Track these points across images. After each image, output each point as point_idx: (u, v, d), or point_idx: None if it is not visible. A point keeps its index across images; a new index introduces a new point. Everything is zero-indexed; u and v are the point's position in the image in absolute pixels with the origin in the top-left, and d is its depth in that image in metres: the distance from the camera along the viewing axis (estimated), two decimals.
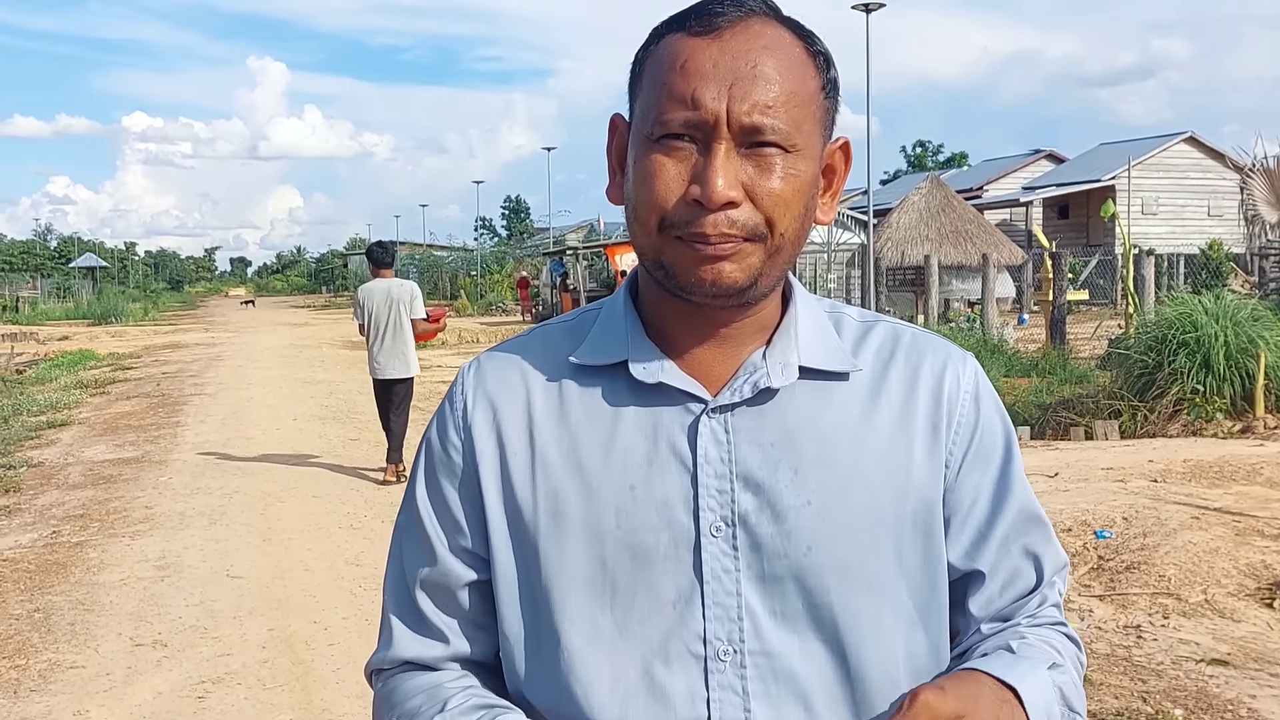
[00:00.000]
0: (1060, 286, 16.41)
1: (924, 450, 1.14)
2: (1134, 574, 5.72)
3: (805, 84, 1.07)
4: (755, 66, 1.04)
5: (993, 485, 1.17)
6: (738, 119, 1.03)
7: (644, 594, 1.09)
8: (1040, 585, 1.19)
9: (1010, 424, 1.22)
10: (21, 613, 5.98)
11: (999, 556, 1.17)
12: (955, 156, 72.41)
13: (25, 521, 8.20)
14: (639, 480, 1.10)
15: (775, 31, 1.07)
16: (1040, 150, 46.05)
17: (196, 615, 5.84)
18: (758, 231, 1.05)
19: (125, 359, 23.05)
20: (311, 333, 31.86)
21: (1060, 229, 36.65)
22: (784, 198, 1.05)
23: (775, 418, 1.11)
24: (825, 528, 1.09)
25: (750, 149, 1.04)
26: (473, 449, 1.16)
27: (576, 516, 1.11)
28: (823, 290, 24.87)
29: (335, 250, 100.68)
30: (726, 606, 1.09)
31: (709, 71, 1.03)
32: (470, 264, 54.28)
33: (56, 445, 11.83)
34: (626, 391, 1.13)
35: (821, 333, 1.16)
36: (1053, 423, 11.26)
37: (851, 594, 1.10)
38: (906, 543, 1.13)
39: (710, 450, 1.10)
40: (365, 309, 9.24)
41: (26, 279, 54.04)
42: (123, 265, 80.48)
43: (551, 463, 1.13)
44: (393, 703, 1.18)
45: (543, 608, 1.13)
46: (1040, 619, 1.17)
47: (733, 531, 1.09)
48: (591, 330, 1.18)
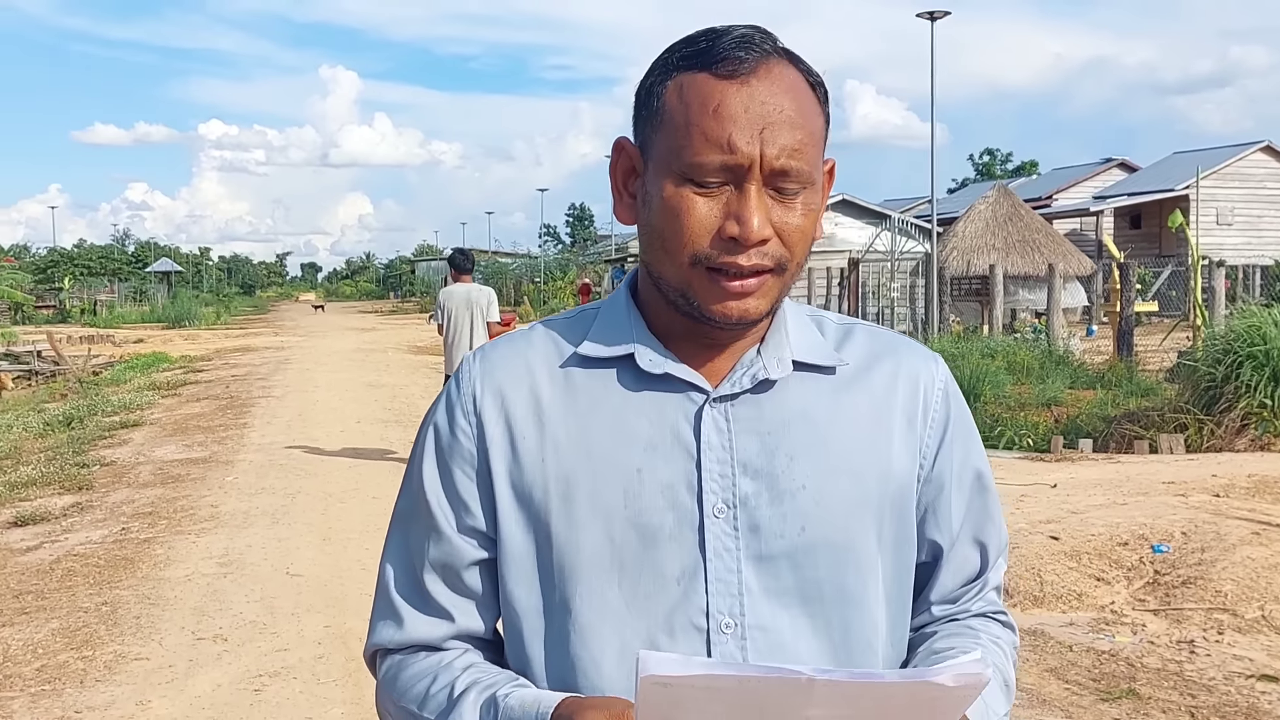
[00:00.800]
0: (1128, 298, 16.17)
1: (901, 440, 1.24)
2: (1190, 589, 5.65)
3: (817, 122, 1.15)
4: (782, 111, 1.11)
5: (956, 476, 1.28)
6: (770, 163, 1.10)
7: (650, 571, 1.16)
8: (984, 570, 1.31)
9: (971, 418, 1.33)
10: (90, 605, 6.17)
11: (955, 544, 1.29)
12: (1025, 165, 71.56)
13: (96, 518, 8.44)
14: (645, 464, 1.17)
15: (789, 72, 1.14)
16: (1111, 159, 45.36)
17: (256, 611, 5.98)
18: (782, 263, 1.14)
19: (197, 362, 23.55)
20: (378, 337, 32.29)
21: (1132, 239, 36.09)
22: (804, 231, 1.15)
23: (772, 408, 1.20)
24: (818, 510, 1.18)
25: (776, 189, 1.12)
26: (483, 433, 1.22)
27: (586, 497, 1.17)
28: (885, 300, 24.71)
29: (403, 256, 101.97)
30: (728, 583, 1.16)
31: (741, 116, 1.10)
32: (534, 270, 54.67)
33: (128, 445, 12.14)
34: (633, 381, 1.20)
35: (807, 333, 1.25)
36: (1116, 435, 11.11)
37: (840, 570, 1.19)
38: (886, 524, 1.22)
39: (712, 437, 1.18)
40: (445, 310, 9.86)
41: (105, 283, 55.31)
42: (197, 270, 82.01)
43: (561, 446, 1.19)
44: (400, 687, 1.24)
45: (554, 583, 1.19)
46: (985, 606, 1.32)
47: (734, 513, 1.17)
48: (594, 325, 1.25)
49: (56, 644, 5.54)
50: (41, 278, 52.40)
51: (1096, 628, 5.34)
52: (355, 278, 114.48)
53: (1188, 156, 38.92)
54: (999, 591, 1.34)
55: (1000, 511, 1.33)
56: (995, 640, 1.28)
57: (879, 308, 24.98)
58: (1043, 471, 9.07)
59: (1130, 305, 16.18)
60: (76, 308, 47.65)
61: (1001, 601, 1.34)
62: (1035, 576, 5.94)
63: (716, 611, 1.15)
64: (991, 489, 1.32)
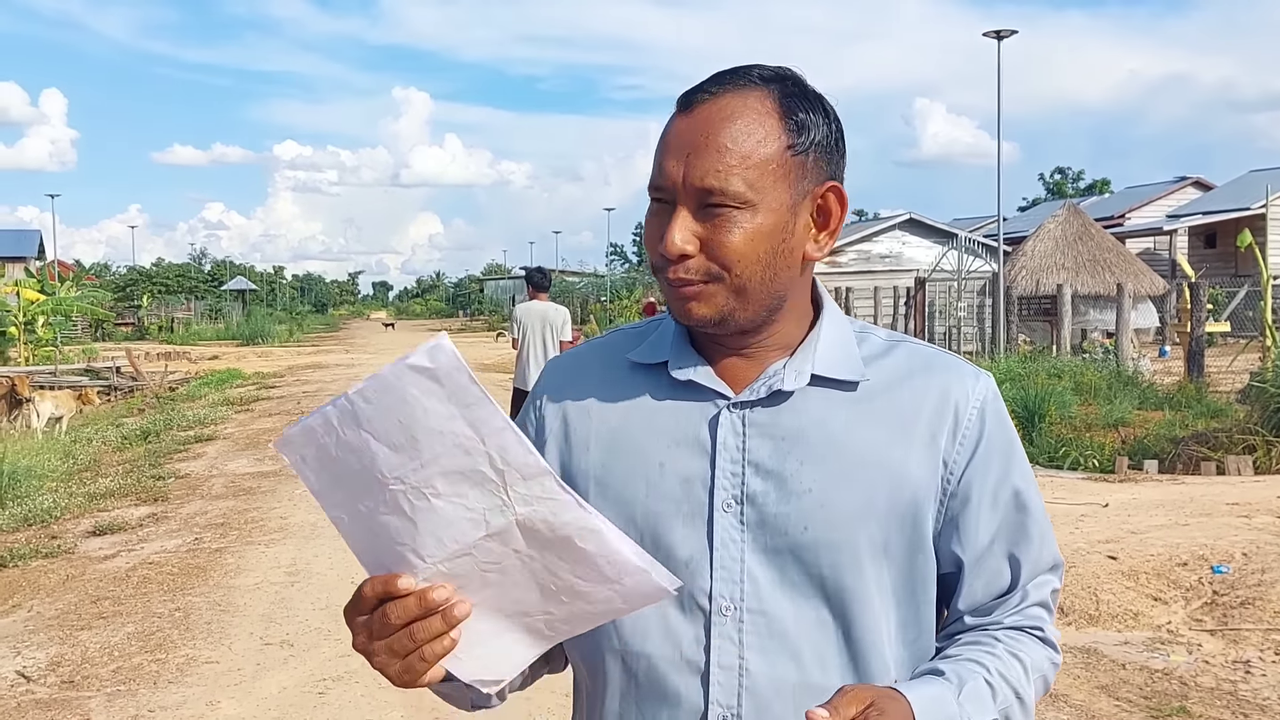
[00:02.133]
0: (1198, 318, 15.93)
1: (921, 455, 1.30)
2: (1248, 609, 5.61)
3: (763, 148, 1.24)
4: (709, 137, 1.23)
5: (989, 492, 1.32)
6: (691, 184, 1.23)
7: (664, 554, 1.28)
8: (1016, 586, 1.34)
9: (1015, 439, 1.37)
10: (164, 611, 6.39)
11: (984, 556, 1.33)
12: (1097, 183, 70.56)
13: (171, 528, 8.70)
14: (667, 459, 1.31)
15: (746, 101, 1.25)
16: (1186, 177, 44.58)
17: (321, 618, 6.16)
18: (712, 275, 1.25)
19: (269, 378, 24.05)
20: None
21: (1207, 258, 35.43)
22: (735, 247, 1.24)
23: (789, 416, 1.30)
24: (821, 512, 1.27)
25: (706, 208, 1.24)
26: (543, 425, 1.41)
27: (616, 485, 1.33)
28: (952, 319, 24.53)
29: (472, 275, 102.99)
30: (731, 570, 1.28)
31: (674, 143, 1.25)
32: (601, 290, 54.97)
33: (202, 458, 12.47)
34: (667, 387, 1.35)
35: (843, 347, 1.34)
36: (1183, 457, 10.97)
37: (841, 570, 1.27)
38: (894, 531, 1.29)
39: (728, 439, 1.30)
40: (521, 326, 10.12)
41: (181, 301, 56.56)
42: (271, 288, 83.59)
43: (602, 439, 1.36)
44: None
45: None
46: (1021, 620, 1.34)
47: (741, 508, 1.28)
48: (651, 336, 1.41)
49: (132, 647, 5.76)
50: (121, 295, 53.70)
51: (1151, 647, 5.33)
52: (425, 296, 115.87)
53: (1265, 174, 38.17)
54: (1046, 609, 1.36)
55: (1046, 531, 1.36)
56: (1016, 652, 1.30)
57: (946, 327, 24.81)
58: (1105, 492, 9.00)
59: (1201, 325, 15.93)
60: (154, 325, 48.80)
61: (1049, 619, 1.36)
62: (1092, 595, 5.93)
63: (718, 595, 1.27)
64: (1032, 507, 1.35)
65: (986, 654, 1.29)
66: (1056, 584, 1.38)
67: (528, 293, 10.55)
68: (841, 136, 1.31)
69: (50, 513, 9.23)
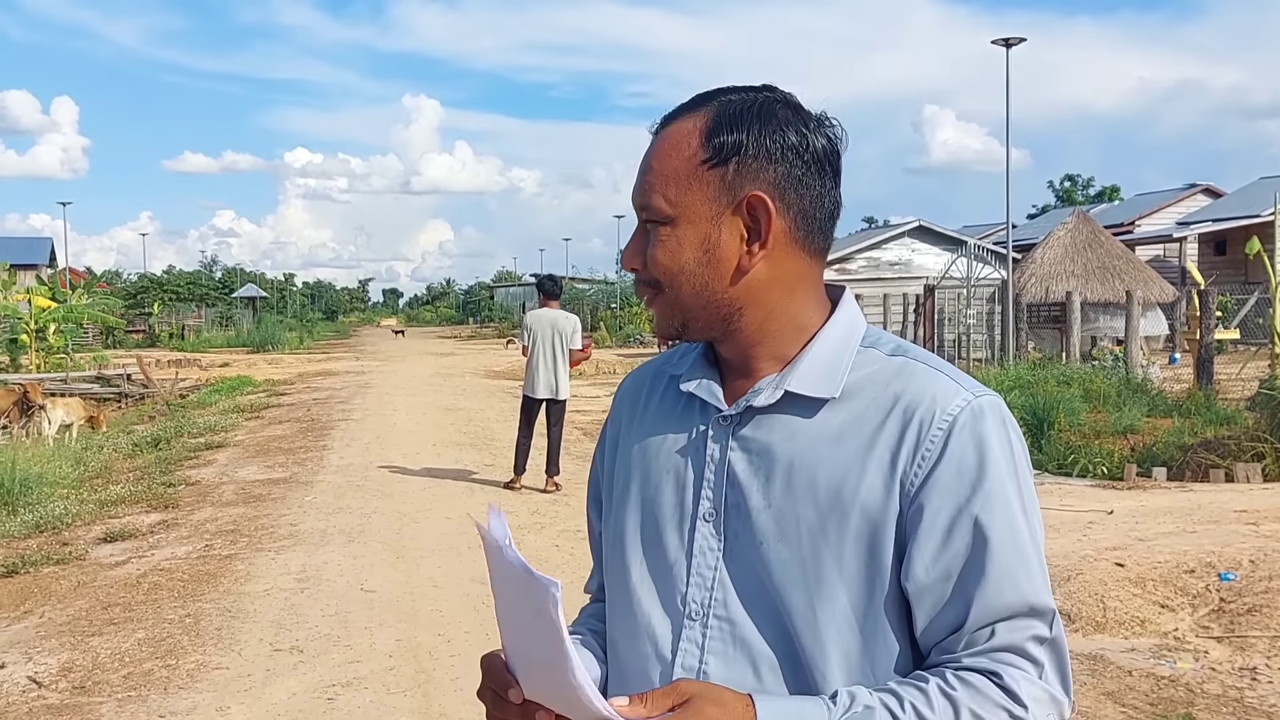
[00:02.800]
0: (1207, 325, 15.91)
1: (877, 475, 1.25)
2: (1255, 616, 5.62)
3: (675, 163, 1.31)
4: (648, 160, 1.33)
5: (943, 518, 1.24)
6: (634, 204, 1.34)
7: (660, 553, 1.38)
8: (963, 626, 1.24)
9: (993, 464, 1.25)
10: (174, 617, 6.43)
11: (929, 588, 1.25)
12: (1106, 190, 70.37)
13: (181, 535, 8.75)
14: (671, 466, 1.39)
15: (683, 124, 1.33)
16: (1196, 184, 44.50)
17: (331, 625, 6.19)
18: (654, 286, 1.35)
19: (280, 385, 24.11)
20: (456, 362, 32.76)
21: (1217, 265, 35.34)
22: (660, 261, 1.32)
23: (764, 432, 1.34)
24: (776, 529, 1.29)
25: (643, 225, 1.34)
26: (609, 429, 1.54)
27: (635, 486, 1.43)
28: (961, 326, 24.50)
29: (483, 282, 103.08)
30: (705, 577, 1.33)
31: (639, 167, 1.35)
32: (611, 297, 55.00)
33: (213, 465, 12.52)
34: (684, 399, 1.42)
35: (829, 363, 1.32)
36: (1192, 464, 10.96)
37: (791, 588, 1.28)
38: (848, 555, 1.26)
39: (715, 452, 1.36)
40: (532, 333, 10.13)
41: (192, 308, 56.72)
42: (281, 296, 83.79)
43: (634, 442, 1.46)
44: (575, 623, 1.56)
45: (616, 551, 1.44)
46: (982, 662, 1.23)
47: (719, 519, 1.34)
48: (693, 351, 1.48)
49: (142, 653, 5.80)
50: (132, 303, 53.83)
51: (1158, 654, 5.33)
52: (436, 303, 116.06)
53: (1275, 181, 38.06)
54: (1023, 655, 1.23)
55: (1013, 569, 1.23)
56: (948, 692, 1.20)
57: (955, 334, 24.79)
58: (1113, 499, 9.00)
59: (1210, 333, 15.91)
60: (165, 332, 48.91)
61: (1026, 667, 1.23)
62: (1099, 603, 5.94)
63: (691, 600, 1.33)
64: (993, 541, 1.23)
65: (912, 687, 1.21)
66: (1039, 630, 1.24)
67: (539, 300, 10.60)
68: (789, 148, 1.29)
69: (61, 519, 9.28)
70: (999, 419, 1.27)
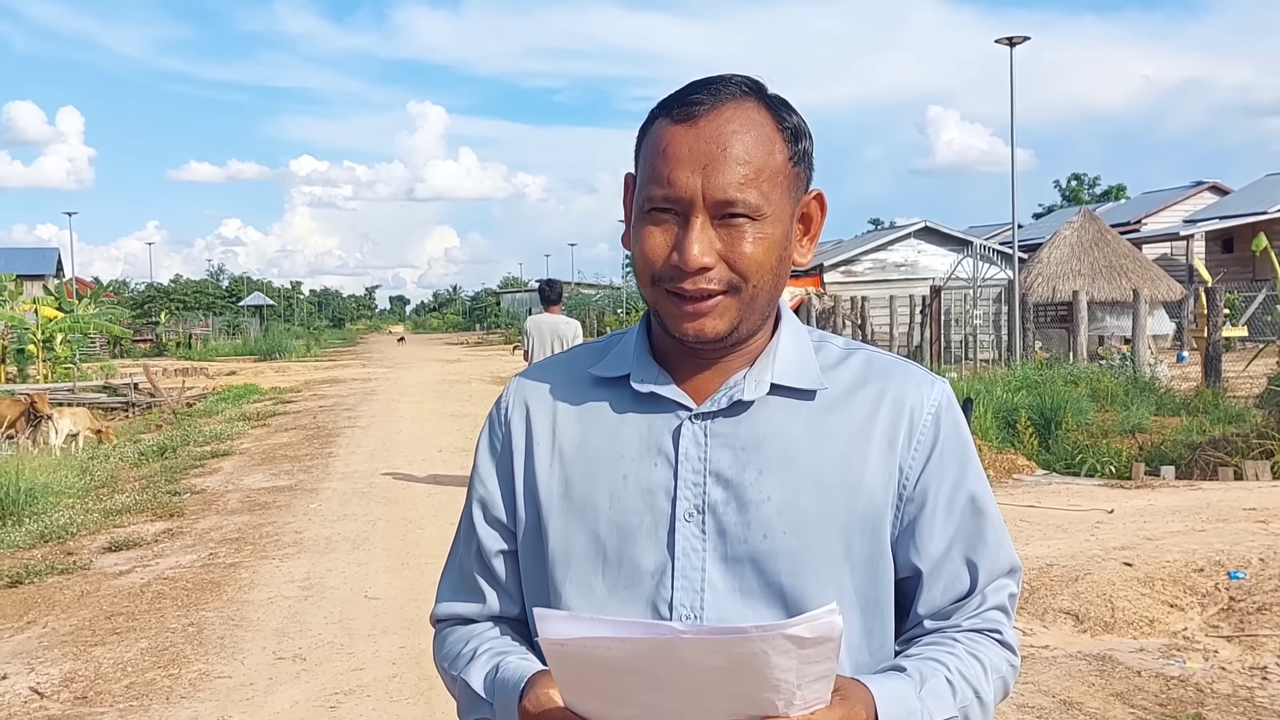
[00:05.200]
0: (1214, 323, 15.85)
1: (878, 461, 1.32)
2: (1265, 615, 5.57)
3: (772, 159, 1.26)
4: (724, 149, 1.23)
5: (945, 497, 1.34)
6: (711, 196, 1.23)
7: (629, 565, 1.31)
8: (974, 590, 1.35)
9: (970, 444, 1.38)
10: (178, 626, 6.41)
11: (942, 561, 1.34)
12: (1112, 189, 70.21)
13: (186, 543, 8.73)
14: (630, 471, 1.33)
15: (746, 113, 1.26)
16: (1203, 182, 44.39)
17: (334, 632, 6.17)
18: (732, 285, 1.26)
19: (286, 393, 24.13)
20: (462, 369, 32.76)
21: (1224, 263, 35.23)
22: (755, 258, 1.25)
23: (748, 425, 1.32)
24: (780, 520, 1.28)
25: (723, 219, 1.24)
26: (509, 441, 1.41)
27: (580, 498, 1.34)
28: (968, 327, 24.43)
29: (489, 289, 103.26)
30: (692, 579, 1.29)
31: (685, 155, 1.24)
32: (617, 302, 55.05)
33: (218, 474, 12.51)
34: (630, 400, 1.36)
35: (801, 356, 1.36)
36: (1201, 462, 10.90)
37: (800, 577, 1.28)
38: (855, 538, 1.30)
39: (690, 449, 1.32)
40: (532, 338, 10.05)
41: (199, 317, 56.83)
42: (288, 303, 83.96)
43: (566, 453, 1.37)
44: (441, 650, 1.45)
45: (550, 570, 1.35)
46: (979, 623, 1.35)
47: (702, 518, 1.30)
48: (613, 350, 1.42)
49: (145, 662, 5.77)
50: (139, 312, 53.98)
51: (1167, 653, 5.28)
52: (442, 310, 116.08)
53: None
54: (1004, 612, 1.37)
55: (1002, 535, 1.38)
56: (975, 652, 1.31)
57: (962, 335, 24.72)
58: (1121, 498, 8.95)
59: (1217, 330, 15.85)
60: (172, 341, 49.02)
61: (1008, 622, 1.38)
62: (1107, 603, 5.89)
63: (679, 604, 1.29)
64: (988, 512, 1.36)
65: (947, 654, 1.29)
66: (1014, 588, 1.39)
67: (541, 305, 10.59)
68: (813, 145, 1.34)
69: (66, 529, 9.27)
70: (955, 401, 1.39)
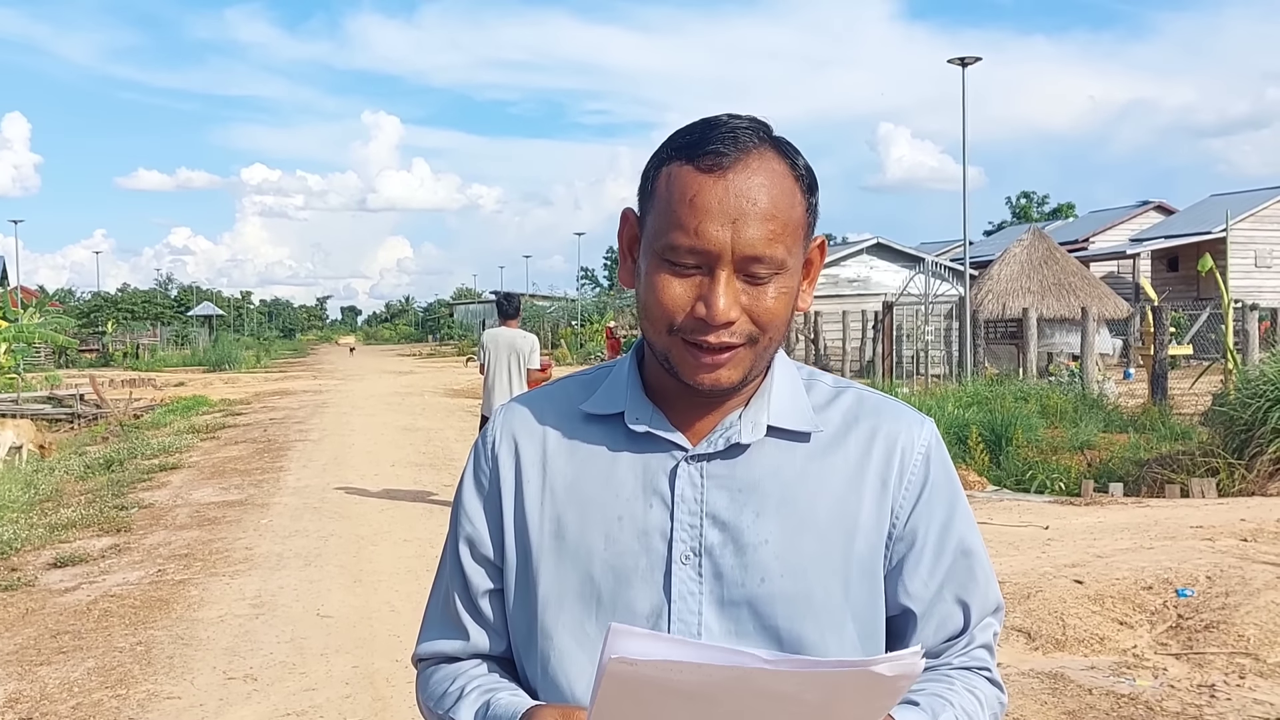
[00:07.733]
0: (1161, 341, 16.11)
1: (872, 502, 1.32)
2: (1213, 633, 5.65)
3: (794, 213, 1.25)
4: (755, 204, 1.21)
5: (935, 537, 1.34)
6: (740, 251, 1.20)
7: (623, 607, 1.29)
8: (967, 629, 1.36)
9: (958, 483, 1.39)
10: (125, 645, 6.30)
11: (934, 601, 1.35)
12: (1061, 207, 71.27)
13: (134, 560, 8.59)
14: (625, 512, 1.31)
15: (769, 164, 1.23)
16: (1149, 201, 45.18)
17: (286, 652, 6.09)
18: (751, 337, 1.25)
19: (236, 405, 23.85)
20: (415, 381, 32.56)
21: (1170, 281, 35.87)
22: (775, 311, 1.24)
23: (744, 467, 1.31)
24: (779, 563, 1.27)
25: (748, 274, 1.22)
26: (497, 477, 1.38)
27: (573, 538, 1.32)
28: (920, 342, 24.68)
29: (442, 300, 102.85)
30: (688, 623, 1.28)
31: (715, 209, 1.20)
32: (572, 314, 55.02)
33: (167, 488, 12.33)
34: (624, 438, 1.34)
35: (794, 396, 1.35)
36: (1148, 480, 11.07)
37: (798, 620, 1.28)
38: (854, 580, 1.30)
39: (686, 491, 1.30)
40: (489, 352, 10.04)
41: (147, 327, 56.13)
42: (238, 314, 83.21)
43: (558, 492, 1.34)
44: (425, 689, 1.42)
45: (544, 612, 1.33)
46: (968, 661, 1.36)
47: (699, 561, 1.28)
48: (602, 385, 1.39)
49: (92, 683, 5.67)
50: (85, 322, 53.24)
51: (1118, 671, 5.34)
52: (394, 321, 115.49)
53: (1225, 199, 38.71)
54: (989, 651, 1.39)
55: (989, 573, 1.39)
56: (971, 689, 1.33)
57: (914, 351, 24.95)
58: (1071, 515, 9.06)
59: (1164, 349, 16.11)
60: (119, 351, 48.32)
61: (992, 660, 1.39)
62: (1058, 620, 5.95)
63: None
64: (977, 551, 1.37)
65: (948, 690, 1.30)
66: (998, 626, 1.41)
67: (497, 319, 10.54)
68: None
69: (10, 544, 9.09)
70: (942, 440, 1.40)
